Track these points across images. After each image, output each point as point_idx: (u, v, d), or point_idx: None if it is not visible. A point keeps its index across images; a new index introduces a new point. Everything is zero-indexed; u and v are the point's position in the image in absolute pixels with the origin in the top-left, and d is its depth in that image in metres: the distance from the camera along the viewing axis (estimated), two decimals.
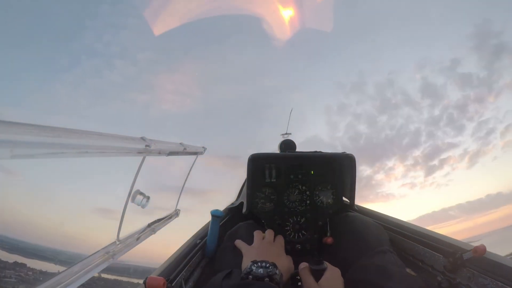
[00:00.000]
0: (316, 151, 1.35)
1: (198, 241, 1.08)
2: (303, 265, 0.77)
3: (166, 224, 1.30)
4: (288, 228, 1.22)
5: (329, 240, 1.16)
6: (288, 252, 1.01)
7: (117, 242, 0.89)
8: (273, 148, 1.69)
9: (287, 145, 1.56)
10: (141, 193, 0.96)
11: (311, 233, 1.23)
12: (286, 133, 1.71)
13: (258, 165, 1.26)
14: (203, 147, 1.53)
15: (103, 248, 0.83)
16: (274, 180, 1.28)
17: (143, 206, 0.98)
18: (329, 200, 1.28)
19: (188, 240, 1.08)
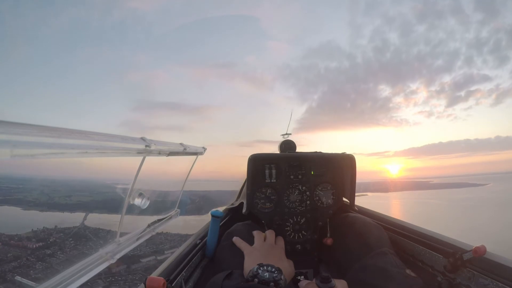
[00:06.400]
0: (316, 152, 1.36)
1: (198, 242, 1.08)
2: (305, 282, 0.72)
3: (166, 224, 1.30)
4: (288, 228, 1.22)
5: (329, 241, 1.17)
6: (288, 252, 1.01)
7: (117, 242, 0.89)
8: (273, 148, 1.70)
9: (287, 145, 1.56)
10: (141, 194, 0.96)
11: (311, 234, 1.23)
12: (286, 134, 1.72)
13: (258, 165, 1.26)
14: (203, 147, 1.53)
15: (102, 249, 0.83)
16: (274, 181, 1.28)
17: (142, 206, 0.98)
18: (329, 201, 1.28)
19: (188, 240, 1.08)
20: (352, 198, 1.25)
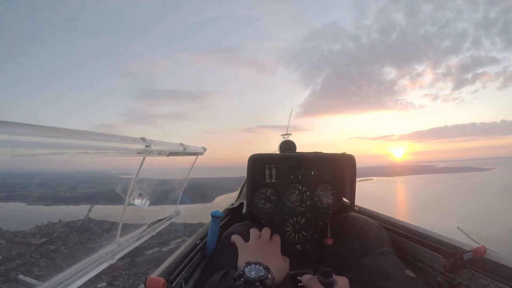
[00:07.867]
0: (316, 152, 1.36)
1: (198, 242, 1.08)
2: (307, 276, 0.71)
3: (166, 224, 1.30)
4: (288, 228, 1.22)
5: (329, 241, 1.17)
6: (288, 252, 1.01)
7: (117, 243, 0.89)
8: (273, 148, 1.70)
9: (287, 145, 1.56)
10: (141, 194, 0.96)
11: (311, 234, 1.23)
12: (286, 134, 1.72)
13: (258, 165, 1.26)
14: (203, 147, 1.53)
15: (103, 249, 0.83)
16: (274, 181, 1.28)
17: (142, 207, 0.98)
18: (329, 201, 1.28)
19: (188, 241, 1.08)
20: (352, 198, 1.25)
